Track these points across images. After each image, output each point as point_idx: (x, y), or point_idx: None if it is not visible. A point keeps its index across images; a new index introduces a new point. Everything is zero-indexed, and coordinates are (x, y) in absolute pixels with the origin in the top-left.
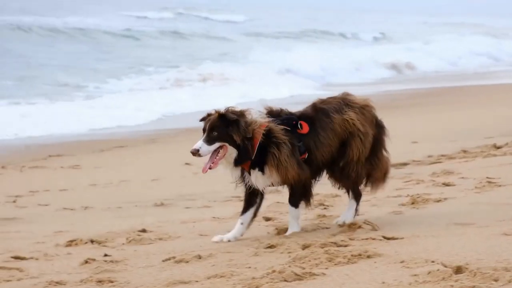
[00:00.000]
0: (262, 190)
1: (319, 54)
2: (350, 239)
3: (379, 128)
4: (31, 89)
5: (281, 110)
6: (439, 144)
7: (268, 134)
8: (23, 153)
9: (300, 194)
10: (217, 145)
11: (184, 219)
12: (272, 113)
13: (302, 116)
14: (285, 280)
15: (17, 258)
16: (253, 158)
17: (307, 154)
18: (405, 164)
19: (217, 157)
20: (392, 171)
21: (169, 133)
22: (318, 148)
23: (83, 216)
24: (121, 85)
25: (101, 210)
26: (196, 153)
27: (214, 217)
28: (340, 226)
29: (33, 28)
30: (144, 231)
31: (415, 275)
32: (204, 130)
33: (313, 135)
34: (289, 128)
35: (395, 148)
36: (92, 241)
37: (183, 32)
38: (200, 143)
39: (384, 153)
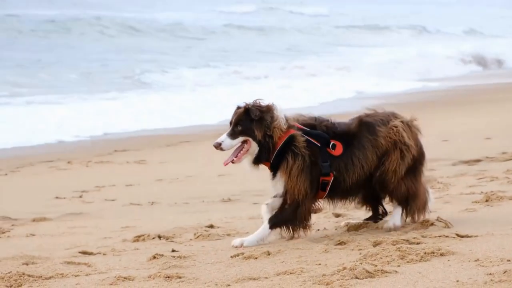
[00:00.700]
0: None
1: (415, 48)
2: (423, 236)
3: (420, 154)
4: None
5: (320, 121)
6: None
7: (290, 140)
8: (88, 148)
9: (286, 219)
10: (240, 139)
11: (252, 215)
12: (307, 124)
13: (339, 135)
14: (357, 278)
15: (84, 253)
16: (271, 160)
17: (332, 177)
18: (478, 160)
19: (241, 152)
20: (465, 168)
21: None
22: (349, 171)
23: (150, 211)
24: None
25: (167, 206)
26: (218, 146)
27: None
28: (389, 230)
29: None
30: (211, 226)
31: (490, 274)
32: (230, 123)
33: (346, 157)
34: (318, 144)
35: (467, 144)
36: (159, 237)
37: (274, 26)
38: (223, 137)
39: (423, 181)
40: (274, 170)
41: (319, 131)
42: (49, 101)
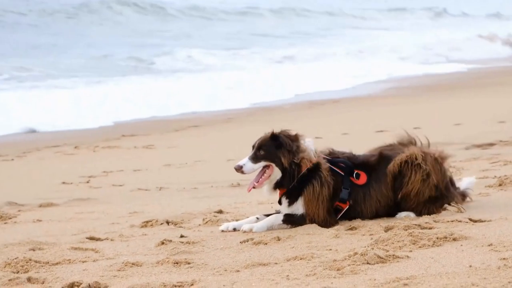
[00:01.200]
0: None
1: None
2: (435, 221)
3: (447, 188)
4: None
5: (342, 153)
6: None
7: (315, 168)
8: (96, 133)
9: (303, 223)
10: (262, 164)
11: (261, 200)
12: (331, 155)
13: (362, 165)
14: (368, 263)
15: (92, 239)
16: (290, 186)
17: (348, 205)
18: (491, 144)
19: (262, 177)
20: (478, 152)
21: (243, 112)
22: (366, 202)
23: (158, 196)
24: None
25: (176, 191)
26: (239, 169)
27: None
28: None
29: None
30: (220, 212)
31: (504, 258)
32: (253, 147)
33: (365, 187)
34: (342, 173)
35: (480, 128)
36: (167, 222)
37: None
38: (245, 160)
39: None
40: (290, 197)
41: (344, 159)
42: (55, 85)
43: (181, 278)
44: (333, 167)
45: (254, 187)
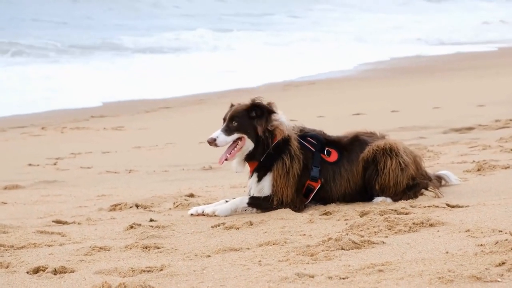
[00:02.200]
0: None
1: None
2: (412, 206)
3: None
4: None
5: (313, 131)
6: (508, 108)
7: (285, 142)
8: (64, 114)
9: (266, 208)
10: (235, 136)
11: (233, 183)
12: (302, 132)
13: (333, 143)
14: (342, 249)
15: (58, 222)
16: (261, 159)
17: (320, 183)
18: (470, 128)
19: (234, 149)
20: (457, 136)
21: (216, 94)
22: (336, 180)
23: (127, 179)
24: None
25: (146, 174)
26: (212, 142)
27: None
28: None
29: None
30: (191, 195)
31: (481, 245)
32: (224, 119)
33: (336, 166)
34: (312, 149)
35: (459, 112)
36: (137, 206)
37: None
38: (218, 133)
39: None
40: (259, 171)
41: (316, 134)
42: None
43: (150, 263)
44: (304, 142)
45: (226, 159)
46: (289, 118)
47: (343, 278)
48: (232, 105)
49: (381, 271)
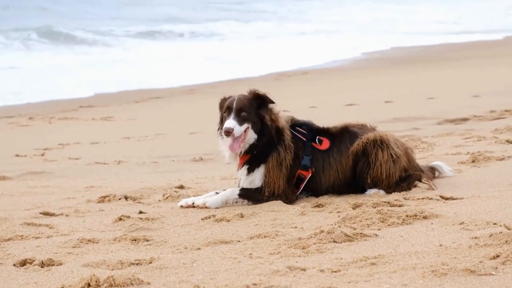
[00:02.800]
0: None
1: None
2: (405, 199)
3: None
4: None
5: (302, 121)
6: (503, 98)
7: (279, 133)
8: (52, 104)
9: (257, 199)
10: (245, 126)
11: (224, 175)
12: (293, 121)
13: (323, 132)
14: (334, 241)
15: (46, 214)
16: (255, 152)
17: (310, 173)
18: (465, 119)
19: (241, 139)
20: (451, 127)
21: (206, 84)
22: (325, 170)
23: (116, 171)
24: None
25: (135, 165)
26: (230, 132)
27: None
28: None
29: None
30: (181, 187)
31: (475, 237)
32: (227, 108)
33: (326, 155)
34: (303, 139)
35: (454, 102)
36: (126, 198)
37: None
38: (233, 123)
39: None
40: (251, 163)
41: (308, 122)
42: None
43: (139, 255)
44: (295, 132)
45: (240, 148)
46: (281, 109)
47: (335, 271)
48: (224, 98)
49: (373, 264)
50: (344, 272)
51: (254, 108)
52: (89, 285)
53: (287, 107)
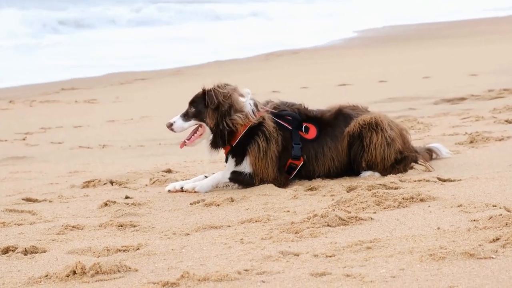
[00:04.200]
0: None
1: None
2: (401, 181)
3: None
4: None
5: (291, 105)
6: (501, 77)
7: (259, 124)
8: (33, 86)
9: (248, 184)
10: (192, 123)
11: (213, 158)
12: (278, 108)
13: (313, 119)
14: (328, 225)
15: (28, 200)
16: (234, 145)
17: (302, 161)
18: (462, 98)
19: (194, 135)
20: (448, 107)
21: (194, 65)
22: (318, 159)
23: (101, 155)
24: None
25: (120, 149)
26: (169, 127)
27: None
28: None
29: None
30: (169, 171)
31: (474, 220)
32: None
33: (317, 143)
34: (289, 127)
35: (451, 81)
36: (111, 182)
37: None
38: (176, 118)
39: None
40: (236, 155)
41: (290, 112)
42: None
43: (126, 242)
44: (279, 121)
45: (185, 145)
46: (272, 95)
47: (330, 256)
48: (203, 91)
49: (369, 248)
50: (338, 257)
51: (204, 105)
52: (74, 272)
53: (278, 87)
